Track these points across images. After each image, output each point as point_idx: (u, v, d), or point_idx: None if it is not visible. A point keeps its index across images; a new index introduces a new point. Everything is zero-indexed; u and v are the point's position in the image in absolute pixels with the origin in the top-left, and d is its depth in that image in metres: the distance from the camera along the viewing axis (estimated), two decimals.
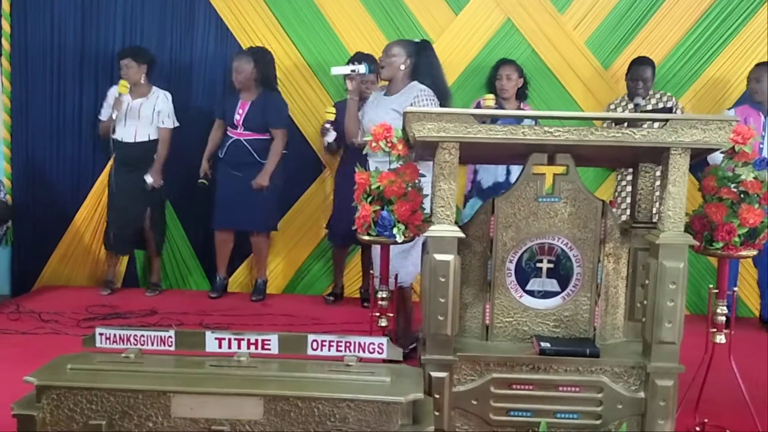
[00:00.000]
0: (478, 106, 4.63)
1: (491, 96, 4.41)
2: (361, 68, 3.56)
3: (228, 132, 4.87)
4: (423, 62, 3.61)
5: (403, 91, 3.58)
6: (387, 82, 3.66)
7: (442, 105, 3.57)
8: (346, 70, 3.56)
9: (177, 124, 4.97)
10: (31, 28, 5.18)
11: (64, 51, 5.17)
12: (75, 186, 5.25)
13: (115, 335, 2.45)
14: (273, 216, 4.99)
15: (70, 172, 5.26)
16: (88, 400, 2.21)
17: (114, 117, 4.75)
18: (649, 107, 4.59)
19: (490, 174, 4.51)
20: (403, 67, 3.56)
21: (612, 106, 4.75)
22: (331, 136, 4.72)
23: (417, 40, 3.75)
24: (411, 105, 3.43)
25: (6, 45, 5.17)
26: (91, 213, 5.16)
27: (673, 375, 2.46)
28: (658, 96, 4.65)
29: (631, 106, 4.60)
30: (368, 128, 3.62)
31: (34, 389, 2.24)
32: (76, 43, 5.16)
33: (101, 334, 2.45)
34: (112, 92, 4.88)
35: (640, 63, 4.62)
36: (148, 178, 4.88)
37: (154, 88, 4.92)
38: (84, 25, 5.15)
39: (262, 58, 4.84)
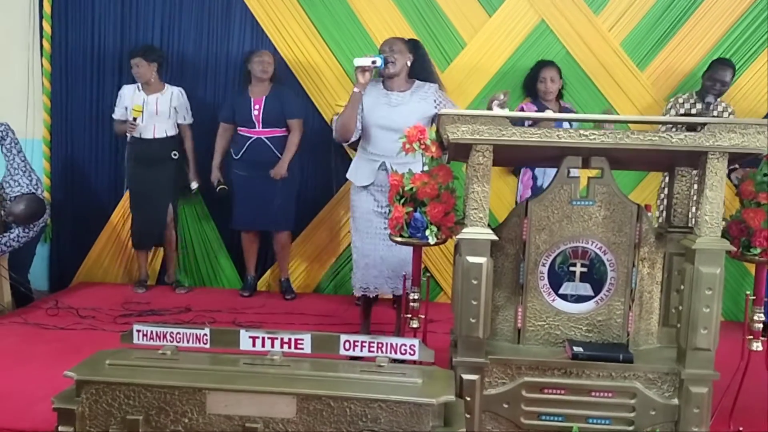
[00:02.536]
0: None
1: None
2: (379, 61, 3.57)
3: (242, 132, 4.84)
4: (423, 60, 3.74)
5: (414, 90, 3.64)
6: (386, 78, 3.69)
7: None
8: (368, 61, 3.58)
9: (192, 119, 5.04)
10: (72, 29, 5.29)
11: (104, 51, 5.27)
12: (113, 184, 5.35)
13: (152, 332, 2.49)
14: (291, 214, 4.98)
15: (108, 171, 5.36)
16: (126, 395, 2.26)
17: (128, 139, 4.90)
18: (715, 113, 4.51)
19: (549, 178, 4.46)
20: (408, 63, 3.65)
21: (681, 100, 4.63)
22: None
23: (407, 39, 3.83)
24: (435, 105, 3.59)
25: (47, 46, 5.29)
26: (128, 211, 5.24)
27: (708, 382, 2.43)
28: (723, 106, 4.56)
29: (699, 105, 4.51)
30: (385, 125, 3.62)
31: (73, 384, 2.29)
32: (115, 44, 5.26)
33: (139, 331, 2.50)
34: (125, 93, 4.97)
35: (721, 63, 4.52)
36: (194, 185, 5.02)
37: (167, 85, 4.99)
38: (123, 25, 5.25)
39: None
